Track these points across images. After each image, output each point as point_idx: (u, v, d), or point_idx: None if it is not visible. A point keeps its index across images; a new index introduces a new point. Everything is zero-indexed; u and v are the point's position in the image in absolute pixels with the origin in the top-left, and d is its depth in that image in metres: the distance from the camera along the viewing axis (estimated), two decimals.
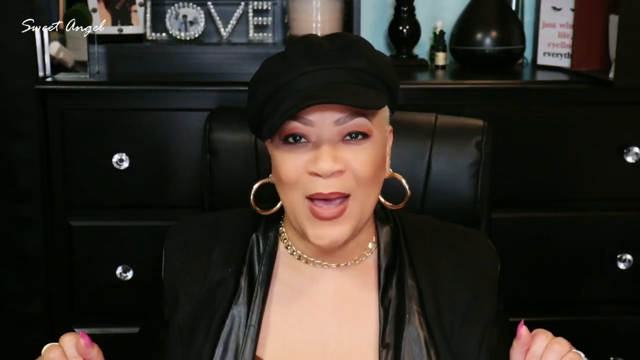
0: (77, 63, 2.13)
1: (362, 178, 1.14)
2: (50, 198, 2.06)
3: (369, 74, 1.15)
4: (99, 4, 2.21)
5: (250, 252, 1.25)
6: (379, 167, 1.17)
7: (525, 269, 2.10)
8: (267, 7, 2.29)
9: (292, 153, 1.14)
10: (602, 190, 2.10)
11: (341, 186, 1.12)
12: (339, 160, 1.12)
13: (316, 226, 1.14)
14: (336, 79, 1.13)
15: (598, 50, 2.18)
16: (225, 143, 1.56)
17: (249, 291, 1.22)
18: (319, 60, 1.13)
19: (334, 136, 1.13)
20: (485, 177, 1.51)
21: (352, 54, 1.15)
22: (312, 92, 1.11)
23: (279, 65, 1.15)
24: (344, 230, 1.15)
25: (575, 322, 2.15)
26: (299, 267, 1.25)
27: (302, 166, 1.13)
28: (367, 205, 1.17)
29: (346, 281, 1.23)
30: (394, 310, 1.20)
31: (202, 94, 2.04)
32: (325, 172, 1.11)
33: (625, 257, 2.11)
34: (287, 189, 1.16)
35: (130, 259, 2.08)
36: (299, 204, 1.15)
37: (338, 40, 1.16)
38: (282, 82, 1.14)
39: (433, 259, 1.24)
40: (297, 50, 1.15)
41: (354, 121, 1.13)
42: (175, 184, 2.06)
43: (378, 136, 1.16)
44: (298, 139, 1.14)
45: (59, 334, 2.18)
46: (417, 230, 1.28)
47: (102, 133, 2.04)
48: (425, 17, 2.41)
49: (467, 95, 2.08)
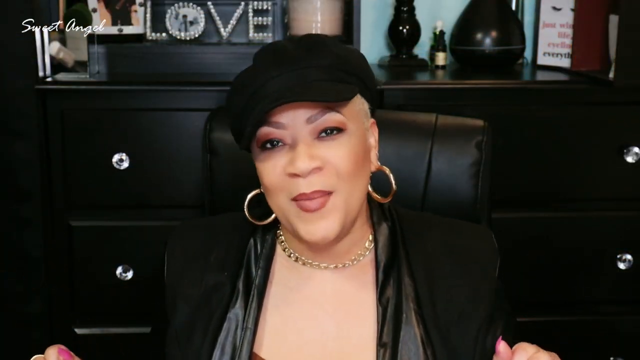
0: (77, 63, 2.14)
1: (342, 172, 1.13)
2: (50, 198, 2.06)
3: (338, 70, 1.15)
4: (99, 4, 2.21)
5: (248, 256, 1.26)
6: (361, 160, 1.17)
7: (525, 269, 2.10)
8: (267, 7, 2.29)
9: (270, 158, 1.15)
10: (602, 190, 2.10)
11: (322, 183, 1.12)
12: (315, 157, 1.12)
13: (307, 222, 1.14)
14: (304, 79, 1.13)
15: (598, 50, 2.18)
16: (225, 143, 1.55)
17: (246, 294, 1.22)
18: (286, 62, 1.13)
19: (308, 135, 1.13)
20: (486, 177, 1.51)
21: (319, 51, 1.15)
22: (279, 93, 1.11)
23: (249, 74, 1.16)
24: (333, 224, 1.14)
25: (575, 322, 2.15)
26: (296, 268, 1.25)
27: (281, 169, 1.14)
28: (354, 198, 1.16)
29: (344, 281, 1.23)
30: (392, 308, 1.20)
31: (202, 94, 2.04)
32: (302, 171, 1.11)
33: (625, 257, 2.11)
34: (273, 195, 1.16)
35: (130, 259, 2.08)
36: (286, 206, 1.15)
37: (303, 40, 1.17)
38: (252, 90, 1.14)
39: (430, 256, 1.24)
40: (264, 57, 1.16)
41: (325, 117, 1.13)
42: (175, 184, 2.06)
43: (354, 129, 1.16)
44: (275, 143, 1.14)
45: (59, 334, 2.20)
46: (415, 226, 1.27)
47: (102, 133, 2.04)
48: (425, 17, 2.41)
49: (467, 95, 2.08)
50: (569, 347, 2.15)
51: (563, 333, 2.15)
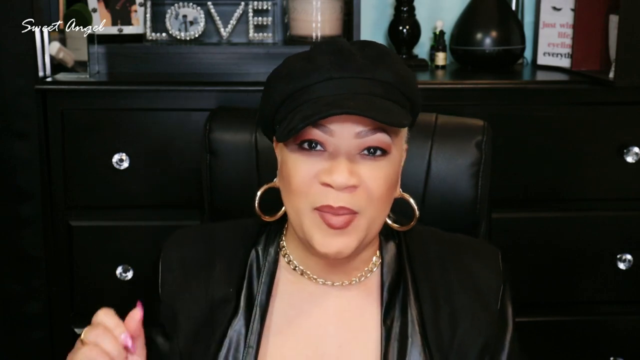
0: (77, 63, 2.13)
1: (374, 196, 1.09)
2: (50, 198, 2.06)
3: (397, 89, 1.11)
4: (99, 4, 2.21)
5: (250, 270, 1.21)
6: (392, 186, 1.13)
7: (525, 269, 2.10)
8: (267, 7, 2.29)
9: (306, 160, 1.09)
10: (602, 190, 2.10)
11: (351, 202, 1.08)
12: (354, 174, 1.07)
13: (324, 234, 1.09)
14: (364, 90, 1.07)
15: (598, 50, 2.18)
16: (225, 143, 1.55)
17: (248, 311, 1.18)
18: (349, 68, 1.08)
19: (353, 149, 1.08)
20: (485, 177, 1.51)
21: (383, 65, 1.10)
22: (339, 100, 1.05)
23: (303, 65, 1.10)
24: (351, 242, 1.10)
25: (575, 322, 2.15)
26: (300, 283, 1.21)
27: (315, 175, 1.09)
28: (376, 223, 1.13)
29: (348, 300, 1.20)
30: (397, 330, 1.17)
31: (202, 94, 2.04)
32: (339, 185, 1.06)
33: (625, 257, 2.11)
34: (294, 197, 1.11)
35: (130, 259, 2.08)
36: (306, 214, 1.10)
37: (369, 49, 1.11)
38: (304, 84, 1.08)
39: (436, 278, 1.21)
40: (325, 54, 1.09)
41: (376, 136, 1.08)
42: (175, 184, 2.06)
43: (396, 154, 1.12)
44: (314, 146, 1.09)
45: (59, 334, 2.20)
46: (422, 245, 1.24)
47: (102, 133, 2.04)
48: (425, 17, 2.41)
49: (467, 95, 2.08)
50: (569, 347, 2.15)
51: (563, 333, 2.15)
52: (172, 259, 1.23)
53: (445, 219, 1.47)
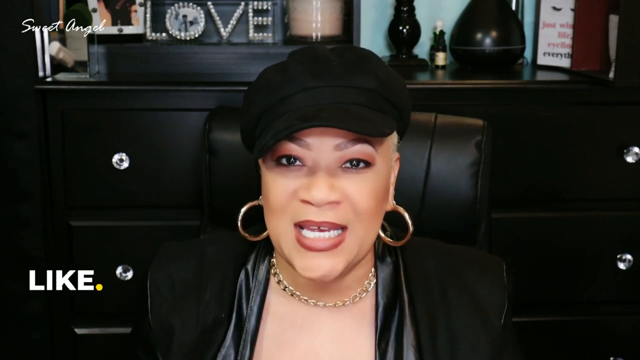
0: (77, 63, 2.13)
1: (361, 211, 1.03)
2: (50, 198, 2.06)
3: (379, 96, 1.05)
4: (99, 4, 2.21)
5: (239, 291, 1.15)
6: (381, 199, 1.07)
7: (525, 269, 2.10)
8: (267, 7, 2.29)
9: (284, 176, 1.03)
10: (602, 190, 2.10)
11: (336, 217, 1.02)
12: (335, 189, 1.01)
13: (305, 257, 1.03)
14: (341, 99, 1.01)
15: (598, 50, 2.18)
16: (224, 143, 1.55)
17: (237, 335, 1.13)
18: (324, 76, 1.02)
19: (333, 162, 1.02)
20: (485, 177, 1.51)
21: (362, 71, 1.04)
22: (313, 111, 0.99)
23: (278, 77, 1.04)
24: (337, 264, 1.04)
25: (575, 322, 2.15)
26: (291, 304, 1.15)
27: (294, 192, 1.03)
28: (367, 240, 1.07)
29: (341, 322, 1.14)
30: (392, 355, 1.11)
31: (202, 94, 2.04)
32: (319, 202, 1.00)
33: (625, 257, 2.11)
34: (274, 215, 1.05)
35: (130, 259, 2.08)
36: (286, 232, 1.04)
37: (348, 54, 1.05)
38: (280, 96, 1.03)
39: (435, 299, 1.15)
40: (300, 63, 1.04)
41: (356, 147, 1.02)
42: (175, 184, 2.06)
43: (382, 165, 1.06)
44: (292, 161, 1.03)
45: (59, 334, 2.20)
46: (420, 262, 1.18)
47: (102, 133, 2.04)
48: (425, 17, 2.41)
49: (467, 95, 2.07)
50: (569, 347, 2.15)
51: (563, 333, 2.15)
52: (159, 280, 1.18)
53: (444, 219, 1.47)
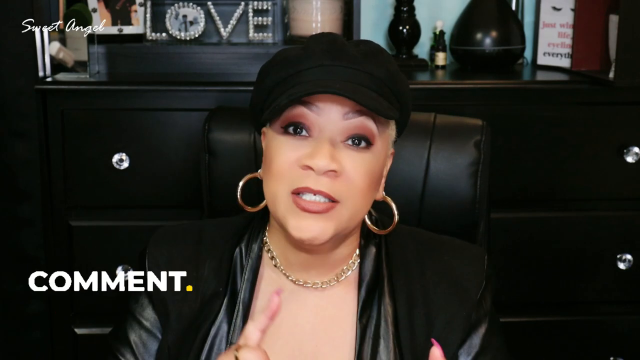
0: (77, 63, 2.13)
1: (355, 187, 1.09)
2: (50, 198, 2.06)
3: (386, 86, 1.12)
4: (99, 4, 2.22)
5: (234, 267, 1.21)
6: (374, 182, 1.13)
7: (525, 269, 2.10)
8: (267, 7, 2.29)
9: (288, 144, 1.10)
10: (602, 190, 2.10)
11: (331, 189, 1.08)
12: (336, 160, 1.08)
13: (299, 217, 1.09)
14: (354, 80, 1.09)
15: (598, 50, 2.18)
16: (224, 143, 1.55)
17: (230, 308, 1.18)
18: (341, 58, 1.10)
19: (338, 134, 1.09)
20: (484, 176, 1.51)
21: (375, 61, 1.11)
22: (328, 82, 1.07)
23: (296, 53, 1.12)
24: (328, 228, 1.09)
25: (575, 322, 2.15)
26: (281, 280, 1.21)
27: (297, 159, 1.09)
28: (357, 216, 1.13)
29: (327, 299, 1.20)
30: (372, 330, 1.17)
31: (202, 94, 2.04)
32: (320, 169, 1.07)
33: (625, 257, 2.11)
34: (274, 181, 1.11)
35: (130, 259, 2.07)
36: (283, 197, 1.10)
37: (363, 45, 1.13)
38: (297, 70, 1.10)
39: (413, 278, 1.20)
40: (319, 44, 1.11)
41: (361, 119, 1.09)
42: (175, 184, 2.06)
43: (380, 150, 1.13)
44: (299, 131, 1.10)
45: (59, 334, 2.19)
46: (401, 243, 1.23)
47: (102, 133, 2.04)
48: (425, 17, 2.41)
49: (467, 95, 2.08)
50: (569, 347, 2.15)
51: (563, 333, 2.15)
52: (158, 257, 1.23)
53: (443, 219, 1.47)
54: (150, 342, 1.22)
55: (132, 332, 1.24)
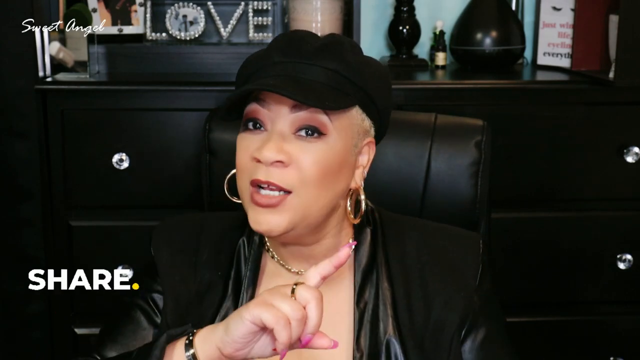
0: (77, 63, 2.14)
1: (306, 177, 1.11)
2: (50, 198, 2.06)
3: (343, 77, 1.13)
4: (99, 4, 2.22)
5: (238, 256, 1.24)
6: (333, 172, 1.14)
7: (525, 269, 2.10)
8: (267, 7, 2.29)
9: (247, 139, 1.14)
10: (602, 190, 2.10)
11: (281, 179, 1.11)
12: (282, 152, 1.10)
13: (256, 212, 1.13)
14: (301, 74, 1.12)
15: (598, 50, 2.18)
16: (224, 143, 1.55)
17: (236, 295, 1.21)
18: (290, 54, 1.13)
19: (287, 126, 1.12)
20: (485, 177, 1.51)
21: (331, 53, 1.13)
22: (275, 80, 1.11)
23: (259, 53, 1.18)
24: (281, 221, 1.12)
25: (575, 322, 2.15)
26: (280, 272, 1.24)
27: (251, 152, 1.13)
28: (315, 207, 1.14)
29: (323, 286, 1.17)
30: (369, 314, 1.19)
31: (202, 94, 2.04)
32: (265, 160, 1.10)
33: (625, 257, 2.11)
34: (239, 175, 1.16)
35: (130, 259, 2.08)
36: (245, 191, 1.14)
37: (325, 38, 1.16)
38: (254, 69, 1.16)
39: (410, 261, 1.22)
40: (279, 41, 1.16)
41: (309, 111, 1.11)
42: (175, 184, 2.06)
43: (337, 140, 1.13)
44: (258, 126, 1.14)
45: (59, 334, 2.19)
46: (398, 230, 1.26)
47: (102, 133, 2.04)
48: (425, 17, 2.41)
49: (467, 95, 2.08)
50: (569, 347, 2.15)
51: (563, 333, 2.15)
52: (160, 241, 1.28)
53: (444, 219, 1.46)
54: (161, 302, 1.26)
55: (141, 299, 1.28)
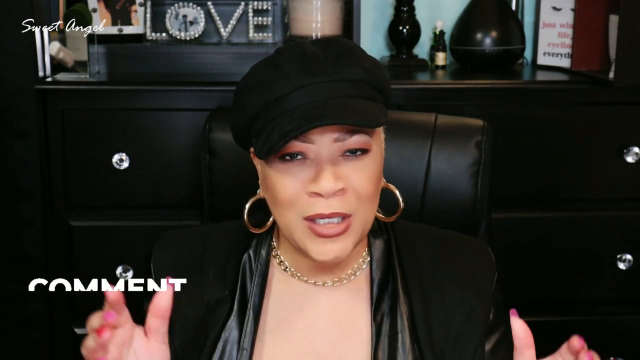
0: (77, 63, 2.13)
1: (363, 195, 1.10)
2: (50, 198, 2.06)
3: (367, 85, 1.10)
4: (99, 4, 2.22)
5: (243, 272, 1.21)
6: (378, 181, 1.14)
7: (525, 269, 2.10)
8: (267, 7, 2.29)
9: (288, 172, 1.09)
10: (602, 190, 2.10)
11: (342, 206, 1.08)
12: (340, 178, 1.07)
13: (318, 243, 1.10)
14: (336, 93, 1.07)
15: (598, 50, 2.18)
16: (224, 143, 1.55)
17: (241, 313, 1.18)
18: (316, 72, 1.07)
19: (334, 153, 1.08)
20: (485, 177, 1.51)
21: (350, 63, 1.09)
22: (314, 108, 1.05)
23: (270, 74, 1.09)
24: (347, 245, 1.10)
25: (575, 322, 2.15)
26: (291, 283, 1.21)
27: (301, 186, 1.08)
28: (369, 220, 1.14)
29: (339, 298, 1.20)
30: (387, 326, 1.17)
31: (202, 94, 2.04)
32: (327, 192, 1.06)
33: (625, 257, 2.11)
34: (282, 209, 1.11)
35: (130, 259, 2.08)
36: (297, 224, 1.10)
37: (332, 47, 1.10)
38: (276, 95, 1.07)
39: (426, 273, 1.21)
40: (290, 60, 1.08)
41: (354, 138, 1.08)
42: (175, 184, 2.06)
43: (376, 149, 1.13)
44: (295, 155, 1.08)
45: (59, 334, 2.20)
46: (411, 240, 1.24)
47: (102, 133, 2.04)
48: (425, 17, 2.41)
49: (467, 95, 2.08)
50: None
51: (563, 333, 2.13)
52: (163, 261, 1.23)
53: (444, 219, 1.47)
54: None
55: None
